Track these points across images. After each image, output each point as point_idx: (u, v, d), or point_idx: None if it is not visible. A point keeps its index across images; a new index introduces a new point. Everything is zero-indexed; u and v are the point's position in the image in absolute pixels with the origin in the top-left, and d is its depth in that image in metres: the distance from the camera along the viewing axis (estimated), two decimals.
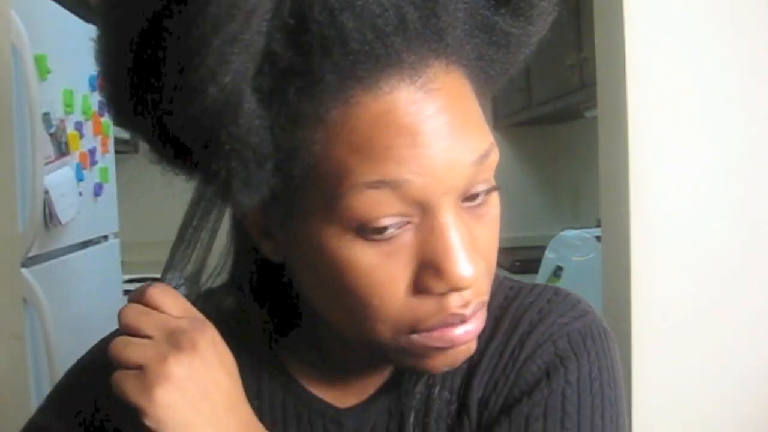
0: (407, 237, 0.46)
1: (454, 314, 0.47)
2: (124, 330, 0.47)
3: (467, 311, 0.47)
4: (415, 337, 0.48)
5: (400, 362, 0.51)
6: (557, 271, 2.10)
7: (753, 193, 1.19)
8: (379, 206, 0.44)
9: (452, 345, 0.48)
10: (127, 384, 0.44)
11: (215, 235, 0.56)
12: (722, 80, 1.18)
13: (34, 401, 1.68)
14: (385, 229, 0.45)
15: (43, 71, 1.78)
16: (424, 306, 0.47)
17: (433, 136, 0.44)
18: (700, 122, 1.18)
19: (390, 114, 0.44)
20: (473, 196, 0.47)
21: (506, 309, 0.57)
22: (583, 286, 1.92)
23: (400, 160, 0.43)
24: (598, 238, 1.69)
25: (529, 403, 0.52)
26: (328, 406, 0.57)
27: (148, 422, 0.44)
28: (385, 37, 0.42)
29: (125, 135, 3.72)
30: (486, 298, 0.50)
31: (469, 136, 0.46)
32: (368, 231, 0.45)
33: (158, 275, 0.58)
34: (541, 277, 2.14)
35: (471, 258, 0.45)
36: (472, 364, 0.55)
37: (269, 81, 0.43)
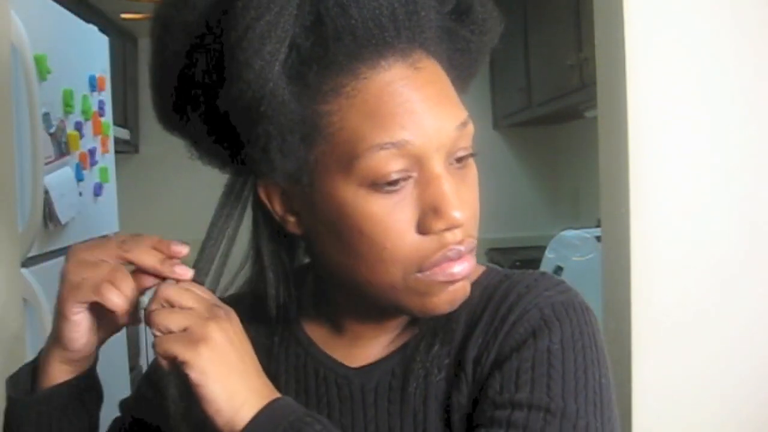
0: (409, 188, 0.57)
1: (452, 248, 0.58)
2: (164, 302, 0.58)
3: (462, 247, 0.59)
4: (420, 275, 0.58)
5: (408, 303, 0.61)
6: (557, 271, 2.10)
7: (753, 192, 1.19)
8: (388, 163, 0.56)
9: (452, 279, 0.59)
10: (172, 343, 0.55)
11: (236, 232, 0.67)
12: (722, 80, 1.18)
13: None
14: (395, 182, 0.56)
15: (43, 71, 1.78)
16: (427, 244, 0.58)
17: (425, 103, 0.57)
18: (701, 122, 1.18)
19: (391, 84, 0.56)
20: (457, 159, 0.59)
21: (497, 287, 0.65)
22: (583, 286, 1.91)
23: (402, 123, 0.56)
24: (598, 238, 1.69)
25: (518, 358, 0.60)
26: (340, 365, 0.67)
27: (192, 373, 0.54)
28: (382, 27, 0.56)
29: (125, 135, 3.71)
30: (475, 240, 0.61)
31: (450, 106, 0.59)
32: (381, 185, 0.56)
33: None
34: None
35: (460, 202, 0.57)
36: (468, 331, 0.64)
37: (295, 66, 0.56)
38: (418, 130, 0.56)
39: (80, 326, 0.62)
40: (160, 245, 0.62)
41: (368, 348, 0.68)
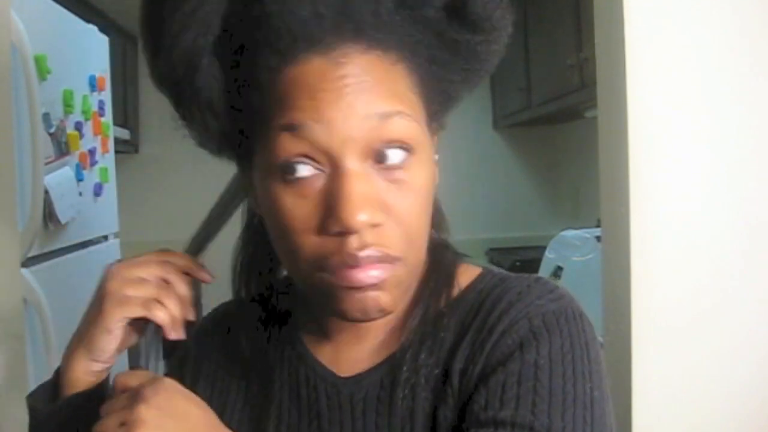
0: (319, 184, 0.56)
1: (349, 254, 0.55)
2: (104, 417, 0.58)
3: (362, 254, 0.55)
4: (324, 275, 0.57)
5: (325, 305, 0.59)
6: (557, 271, 2.10)
7: (753, 192, 1.19)
8: (288, 146, 0.55)
9: (351, 285, 0.56)
10: None
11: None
12: (722, 80, 1.18)
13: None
14: (293, 167, 0.55)
15: (43, 71, 1.78)
16: (328, 245, 0.56)
17: (333, 94, 0.55)
18: (701, 122, 1.18)
19: (300, 77, 0.56)
20: (381, 157, 0.56)
21: (489, 292, 0.63)
22: (583, 286, 1.92)
23: (302, 108, 0.55)
24: (598, 238, 1.69)
25: (503, 372, 0.58)
26: (331, 373, 0.66)
27: None
28: (301, 21, 0.55)
29: (125, 135, 3.71)
30: (392, 253, 0.57)
31: (369, 97, 0.55)
32: (285, 172, 0.56)
33: None
34: None
35: (367, 207, 0.54)
36: (457, 340, 0.62)
37: (226, 46, 0.58)
38: (317, 115, 0.54)
39: (118, 339, 0.65)
40: (191, 270, 0.68)
41: (354, 353, 0.67)
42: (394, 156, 0.56)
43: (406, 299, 0.65)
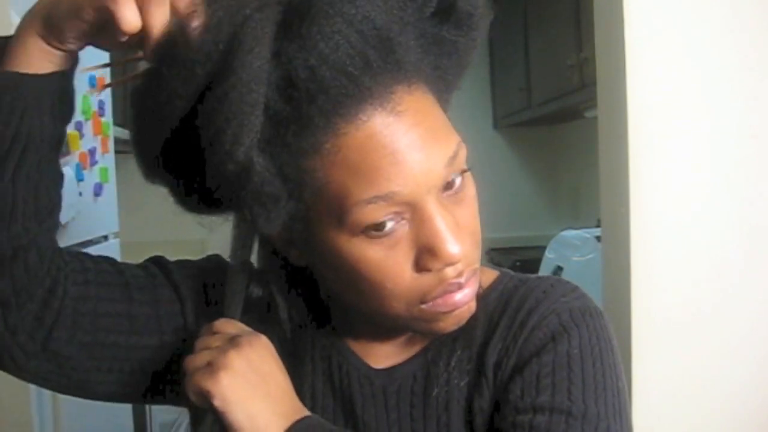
0: (403, 230, 0.57)
1: (451, 283, 0.58)
2: (198, 351, 0.60)
3: (462, 279, 0.59)
4: (424, 306, 0.59)
5: (416, 328, 0.63)
6: (557, 271, 2.10)
7: (753, 192, 1.19)
8: (376, 213, 0.55)
9: (455, 308, 0.59)
10: (197, 376, 0.57)
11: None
12: (722, 80, 1.18)
13: (34, 401, 1.68)
14: (383, 226, 0.56)
15: None
16: (427, 281, 0.58)
17: (409, 150, 0.55)
18: (701, 122, 1.18)
19: (372, 137, 0.54)
20: (450, 185, 0.58)
21: (514, 292, 0.67)
22: (583, 286, 1.91)
23: (388, 176, 0.54)
24: (598, 238, 1.69)
25: (538, 363, 0.61)
26: (364, 364, 0.68)
27: (216, 402, 0.56)
28: (355, 79, 0.53)
29: (125, 135, 3.71)
30: (476, 265, 0.61)
31: (438, 144, 0.56)
32: (371, 231, 0.56)
33: None
34: None
35: (457, 238, 0.56)
36: (487, 334, 0.65)
37: (272, 131, 0.54)
38: (405, 179, 0.55)
39: (85, 24, 0.59)
40: None
41: (386, 347, 0.69)
42: (458, 181, 0.59)
43: None
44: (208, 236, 0.75)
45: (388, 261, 0.57)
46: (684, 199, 1.18)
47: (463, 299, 0.59)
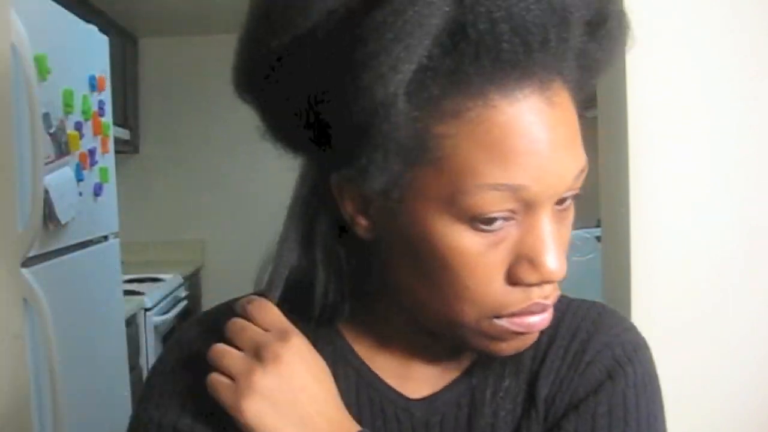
0: (511, 231, 0.51)
1: (537, 303, 0.53)
2: (228, 342, 0.55)
3: (548, 302, 0.54)
4: (497, 321, 0.53)
5: (473, 344, 0.56)
6: None
7: (753, 192, 1.19)
8: (496, 204, 0.49)
9: (528, 331, 0.54)
10: (221, 391, 0.53)
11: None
12: (723, 80, 1.18)
13: (34, 401, 1.68)
14: (494, 220, 0.50)
15: (43, 71, 1.78)
16: (514, 294, 0.52)
17: (553, 146, 0.49)
18: (701, 122, 1.18)
19: (521, 118, 0.48)
20: (561, 201, 0.53)
21: (562, 318, 0.62)
22: (583, 286, 1.91)
23: (526, 166, 0.49)
24: (598, 238, 1.69)
25: (595, 401, 0.58)
26: (399, 395, 0.61)
27: (242, 422, 0.51)
28: (531, 51, 0.47)
29: (125, 135, 3.72)
30: (559, 291, 0.56)
31: (577, 150, 0.52)
32: (479, 222, 0.50)
33: (158, 275, 0.60)
34: None
35: (561, 255, 0.52)
36: (536, 363, 0.61)
37: (419, 77, 0.48)
38: (539, 176, 0.49)
39: None
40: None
41: (424, 371, 0.62)
42: (570, 198, 0.54)
43: None
44: (208, 236, 0.75)
45: (483, 259, 0.51)
46: (684, 199, 1.18)
47: (540, 324, 0.54)
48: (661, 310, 1.17)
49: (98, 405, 2.13)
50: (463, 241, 0.51)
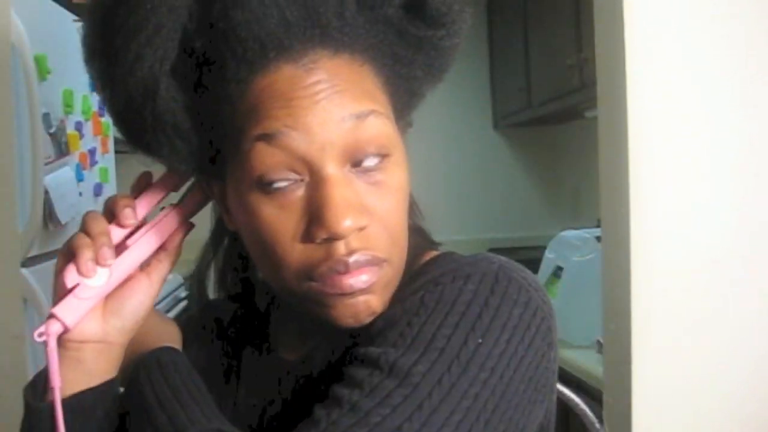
0: (299, 192, 0.55)
1: (338, 260, 0.55)
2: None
3: (350, 259, 0.55)
4: (312, 284, 0.56)
5: (313, 311, 0.59)
6: (557, 271, 2.10)
7: (754, 192, 1.19)
8: (267, 158, 0.54)
9: (342, 291, 0.55)
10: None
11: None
12: (723, 80, 1.18)
13: None
14: (277, 181, 0.54)
15: (43, 71, 1.78)
16: (315, 253, 0.55)
17: (307, 100, 0.54)
18: (701, 122, 1.18)
19: (272, 86, 0.54)
20: (360, 162, 0.56)
21: (427, 268, 0.62)
22: (583, 286, 1.92)
23: (277, 117, 0.54)
24: (598, 238, 1.69)
25: (383, 318, 0.58)
26: (282, 359, 0.68)
27: None
28: (269, 29, 0.53)
29: None
30: (379, 254, 0.56)
31: (342, 99, 0.55)
32: (264, 185, 0.55)
33: None
34: (541, 277, 2.14)
35: (351, 212, 0.54)
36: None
37: (187, 69, 0.56)
38: (293, 122, 0.54)
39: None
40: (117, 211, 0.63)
41: (312, 338, 0.67)
42: (372, 159, 0.56)
43: None
44: (208, 236, 0.75)
45: (277, 222, 0.55)
46: (684, 199, 1.18)
47: (356, 285, 0.55)
48: (661, 310, 1.17)
49: None
50: (259, 207, 0.56)
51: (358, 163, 0.56)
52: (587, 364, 1.66)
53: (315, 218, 0.54)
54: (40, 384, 0.61)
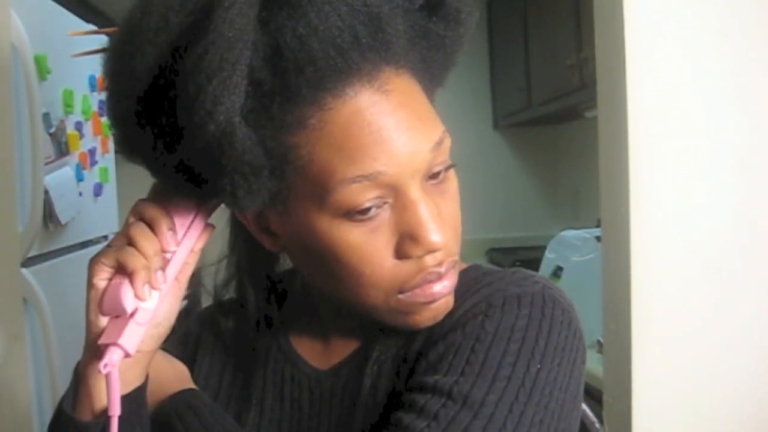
0: (385, 215, 0.56)
1: (431, 272, 0.57)
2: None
3: (442, 269, 0.58)
4: (401, 296, 0.58)
5: (391, 321, 0.61)
6: (557, 271, 2.10)
7: (753, 192, 1.19)
8: (360, 195, 0.54)
9: (433, 299, 0.58)
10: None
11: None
12: (722, 80, 1.18)
13: (34, 401, 1.68)
14: (368, 210, 0.55)
15: (43, 71, 1.78)
16: (407, 268, 0.57)
17: (395, 130, 0.54)
18: (700, 122, 1.18)
19: (358, 114, 0.54)
20: (434, 175, 0.58)
21: (473, 283, 0.63)
22: (583, 286, 1.91)
23: (374, 155, 0.54)
24: (598, 238, 1.69)
25: (444, 343, 0.59)
26: (313, 368, 0.68)
27: None
28: (344, 53, 0.52)
29: None
30: (456, 257, 0.60)
31: (424, 127, 0.56)
32: (354, 214, 0.55)
33: None
34: None
35: (439, 226, 0.56)
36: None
37: (256, 102, 0.53)
38: (390, 160, 0.54)
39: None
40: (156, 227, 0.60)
41: (341, 345, 0.68)
42: (442, 172, 0.59)
43: None
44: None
45: (368, 246, 0.56)
46: (684, 199, 1.18)
47: (443, 291, 0.58)
48: (661, 310, 1.17)
49: None
50: (346, 234, 0.56)
51: (434, 177, 0.58)
52: (587, 364, 1.66)
53: (409, 237, 0.56)
54: (85, 401, 0.59)
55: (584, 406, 0.94)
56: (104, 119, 2.27)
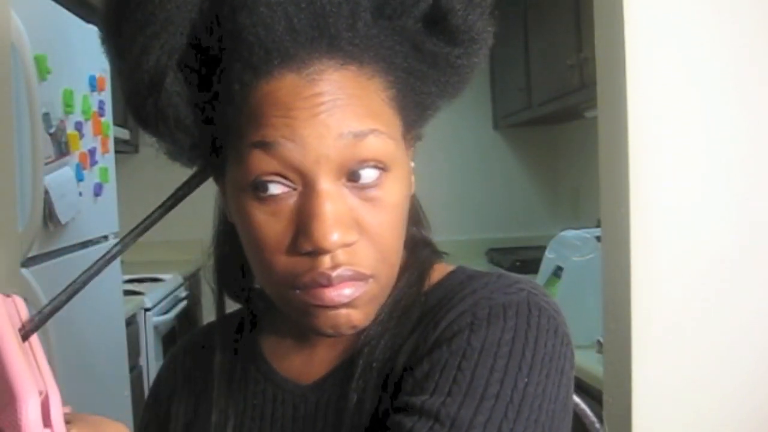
0: (291, 201, 0.55)
1: (321, 273, 0.55)
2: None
3: (333, 274, 0.55)
4: (297, 293, 0.56)
5: (298, 320, 0.59)
6: (557, 271, 2.10)
7: (753, 192, 1.19)
8: (260, 163, 0.54)
9: (323, 303, 0.55)
10: None
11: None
12: (723, 80, 1.18)
13: None
14: (266, 186, 0.55)
15: (43, 71, 1.78)
16: (300, 264, 0.55)
17: (306, 112, 0.54)
18: (700, 122, 1.18)
19: (273, 94, 0.54)
20: (355, 176, 0.55)
21: (458, 289, 0.61)
22: (583, 286, 1.91)
23: (275, 126, 0.54)
24: (598, 238, 1.69)
25: (429, 360, 0.57)
26: (296, 385, 0.66)
27: None
28: (275, 36, 0.53)
29: (125, 135, 3.71)
30: (365, 271, 0.56)
31: (343, 115, 0.54)
32: (257, 189, 0.55)
33: (158, 275, 0.64)
34: (541, 277, 2.14)
35: (339, 227, 0.54)
36: (409, 336, 0.61)
37: (193, 61, 0.56)
38: (290, 134, 0.53)
39: None
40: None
41: (320, 357, 0.66)
42: (368, 175, 0.56)
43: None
44: (208, 236, 0.75)
45: (266, 228, 0.55)
46: (684, 199, 1.18)
47: (337, 299, 0.55)
48: (661, 310, 1.17)
49: (98, 405, 2.13)
50: (249, 209, 0.56)
51: (355, 179, 0.55)
52: (587, 364, 1.66)
53: (302, 230, 0.54)
54: None
55: (584, 406, 0.94)
56: (104, 119, 2.27)
